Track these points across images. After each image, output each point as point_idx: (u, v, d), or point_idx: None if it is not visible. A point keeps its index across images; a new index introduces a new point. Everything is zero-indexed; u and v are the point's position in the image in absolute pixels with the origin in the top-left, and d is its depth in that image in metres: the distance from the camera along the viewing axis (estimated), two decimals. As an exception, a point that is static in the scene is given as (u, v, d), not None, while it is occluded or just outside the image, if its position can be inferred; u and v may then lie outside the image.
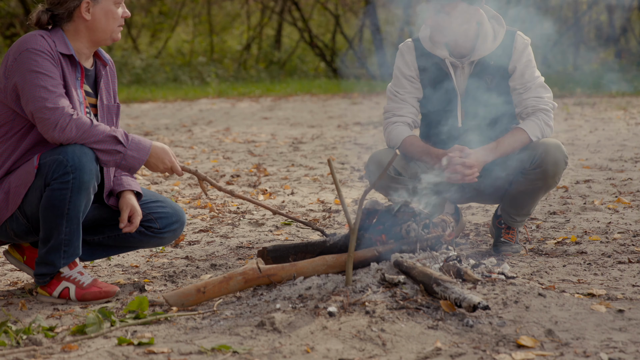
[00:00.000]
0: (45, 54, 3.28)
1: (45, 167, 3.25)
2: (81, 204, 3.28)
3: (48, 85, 3.24)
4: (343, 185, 6.33)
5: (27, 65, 3.25)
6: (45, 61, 3.27)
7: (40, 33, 3.34)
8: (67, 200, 3.25)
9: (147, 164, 3.37)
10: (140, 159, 3.32)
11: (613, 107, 12.17)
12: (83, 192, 3.26)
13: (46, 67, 3.26)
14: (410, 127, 4.08)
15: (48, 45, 3.30)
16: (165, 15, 24.22)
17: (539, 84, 3.99)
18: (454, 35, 3.92)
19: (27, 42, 3.30)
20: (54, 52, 3.31)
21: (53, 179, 3.23)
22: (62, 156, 3.22)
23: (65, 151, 3.23)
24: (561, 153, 3.91)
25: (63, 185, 3.23)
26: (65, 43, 3.36)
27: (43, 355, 2.68)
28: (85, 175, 3.24)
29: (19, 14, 20.97)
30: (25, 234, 3.41)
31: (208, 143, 9.25)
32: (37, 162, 3.27)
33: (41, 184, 3.26)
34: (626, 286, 3.43)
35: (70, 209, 3.27)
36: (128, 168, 3.32)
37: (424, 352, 2.63)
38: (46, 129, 3.23)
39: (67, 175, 3.22)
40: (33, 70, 3.25)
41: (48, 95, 3.23)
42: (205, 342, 2.73)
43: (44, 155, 3.28)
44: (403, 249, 3.20)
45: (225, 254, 4.23)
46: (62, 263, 3.34)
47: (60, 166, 3.22)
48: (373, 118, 11.66)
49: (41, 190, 3.27)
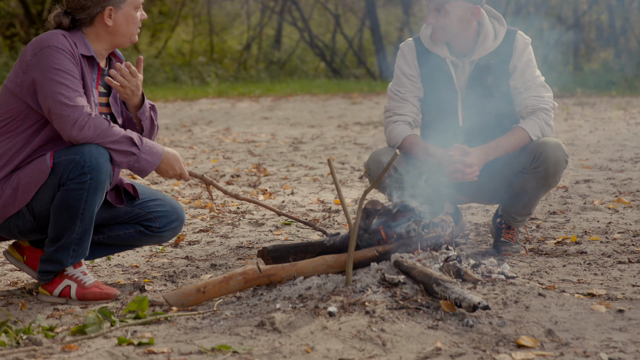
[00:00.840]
0: (66, 52, 3.27)
1: (60, 167, 3.24)
2: (96, 204, 3.29)
3: (68, 83, 3.24)
4: (343, 185, 6.33)
5: (47, 62, 3.25)
6: (66, 59, 3.27)
7: (62, 32, 3.33)
8: (83, 200, 3.25)
9: (157, 169, 3.39)
10: (152, 163, 3.33)
11: (613, 107, 12.17)
12: (99, 193, 3.28)
13: (67, 66, 3.26)
14: (411, 126, 4.08)
15: (69, 44, 3.30)
16: (165, 15, 24.23)
17: (539, 83, 3.99)
18: (455, 34, 3.93)
19: (49, 39, 3.29)
20: (75, 52, 3.31)
21: (69, 179, 3.23)
22: (79, 156, 3.22)
23: (82, 151, 3.23)
24: (562, 152, 3.91)
25: (80, 185, 3.23)
26: (86, 45, 3.36)
27: (43, 355, 2.68)
28: (102, 176, 3.25)
29: (19, 14, 20.98)
30: (30, 231, 3.41)
31: (208, 143, 9.25)
32: (51, 161, 3.26)
33: (55, 183, 3.26)
34: (626, 286, 3.43)
35: (85, 209, 3.27)
36: (140, 171, 3.33)
37: (424, 352, 2.63)
38: (64, 125, 3.23)
39: (85, 176, 3.23)
40: (54, 68, 3.24)
41: (68, 92, 3.23)
42: (205, 342, 2.73)
43: (58, 154, 3.27)
44: (408, 250, 3.20)
45: (225, 254, 4.23)
46: (69, 262, 3.35)
47: (77, 166, 3.22)
48: (373, 118, 11.66)
49: (54, 189, 3.27)
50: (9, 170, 3.32)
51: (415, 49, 4.06)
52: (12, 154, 3.33)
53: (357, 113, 12.54)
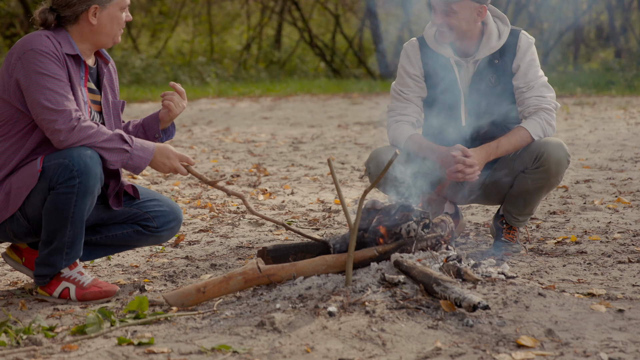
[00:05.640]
0: (50, 55, 3.26)
1: (49, 171, 3.24)
2: (86, 207, 3.29)
3: (54, 87, 3.23)
4: (343, 185, 6.33)
5: (31, 66, 3.24)
6: (50, 63, 3.25)
7: (45, 33, 3.32)
8: (72, 204, 3.25)
9: (152, 164, 3.38)
10: (145, 158, 3.33)
11: (613, 107, 12.17)
12: (88, 196, 3.27)
13: (51, 69, 3.24)
14: (414, 126, 4.08)
15: (53, 46, 3.28)
16: (165, 15, 24.23)
17: (542, 83, 3.99)
18: (461, 34, 3.93)
19: (32, 41, 3.28)
20: (60, 53, 3.29)
21: (58, 183, 3.23)
22: (68, 160, 3.22)
23: (71, 155, 3.22)
24: (563, 152, 3.91)
25: (69, 189, 3.23)
26: (71, 43, 3.35)
27: (43, 355, 2.68)
28: (90, 180, 3.24)
29: (19, 14, 20.97)
30: (25, 235, 3.41)
31: (208, 143, 9.25)
32: (41, 165, 3.26)
33: (45, 187, 3.26)
34: (626, 286, 3.43)
35: (75, 213, 3.27)
36: (134, 168, 3.32)
37: (424, 352, 2.63)
38: (51, 131, 3.23)
39: (73, 180, 3.22)
40: (38, 72, 3.23)
41: (53, 97, 3.22)
42: (205, 342, 2.73)
43: (48, 158, 3.27)
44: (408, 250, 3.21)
45: (225, 254, 4.23)
46: (63, 265, 3.35)
47: (65, 170, 3.22)
48: (373, 118, 11.66)
49: (45, 193, 3.27)
50: (3, 175, 3.32)
51: (419, 48, 4.06)
52: (5, 159, 3.33)
53: (357, 113, 12.54)
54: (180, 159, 3.43)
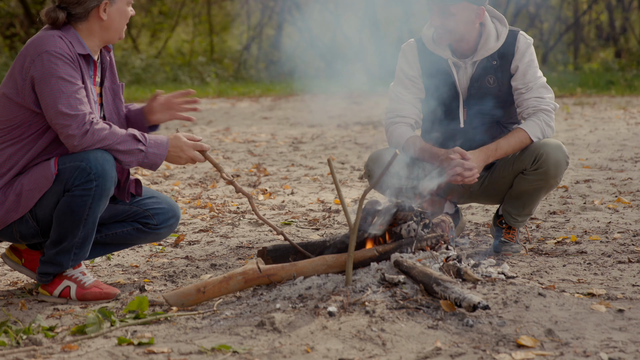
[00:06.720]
0: (65, 57, 3.23)
1: (65, 173, 3.23)
2: (100, 210, 3.29)
3: (69, 91, 3.20)
4: (343, 185, 6.33)
5: (47, 69, 3.20)
6: (65, 65, 3.23)
7: (57, 34, 3.28)
8: (87, 206, 3.25)
9: (169, 158, 3.37)
10: (161, 155, 3.32)
11: (613, 107, 12.17)
12: (104, 199, 3.27)
13: (67, 72, 3.22)
14: (413, 127, 4.07)
15: (67, 47, 3.25)
16: (165, 15, 24.22)
17: (541, 84, 3.99)
18: (460, 36, 3.92)
19: (46, 43, 3.24)
20: (73, 54, 3.27)
21: (75, 185, 3.22)
22: (85, 163, 3.21)
23: (87, 158, 3.22)
24: (562, 153, 3.91)
25: (85, 192, 3.23)
26: (81, 43, 3.33)
27: (43, 355, 2.68)
28: (107, 183, 3.24)
29: (19, 14, 20.97)
30: (32, 236, 3.40)
31: (208, 143, 9.23)
32: (56, 168, 3.24)
33: (60, 189, 3.25)
34: (626, 286, 3.43)
35: (89, 215, 3.27)
36: (150, 165, 3.32)
37: (424, 352, 2.63)
38: (65, 136, 3.22)
39: (90, 183, 3.22)
40: (54, 75, 3.20)
41: (69, 101, 3.20)
42: (205, 342, 2.73)
43: (63, 161, 3.25)
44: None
45: (225, 254, 4.23)
46: (70, 264, 3.35)
47: (82, 173, 3.21)
48: (373, 118, 11.65)
49: (58, 195, 3.26)
50: (12, 175, 3.29)
51: (417, 49, 4.05)
52: (16, 160, 3.30)
53: (357, 113, 12.53)
54: (194, 147, 3.41)
